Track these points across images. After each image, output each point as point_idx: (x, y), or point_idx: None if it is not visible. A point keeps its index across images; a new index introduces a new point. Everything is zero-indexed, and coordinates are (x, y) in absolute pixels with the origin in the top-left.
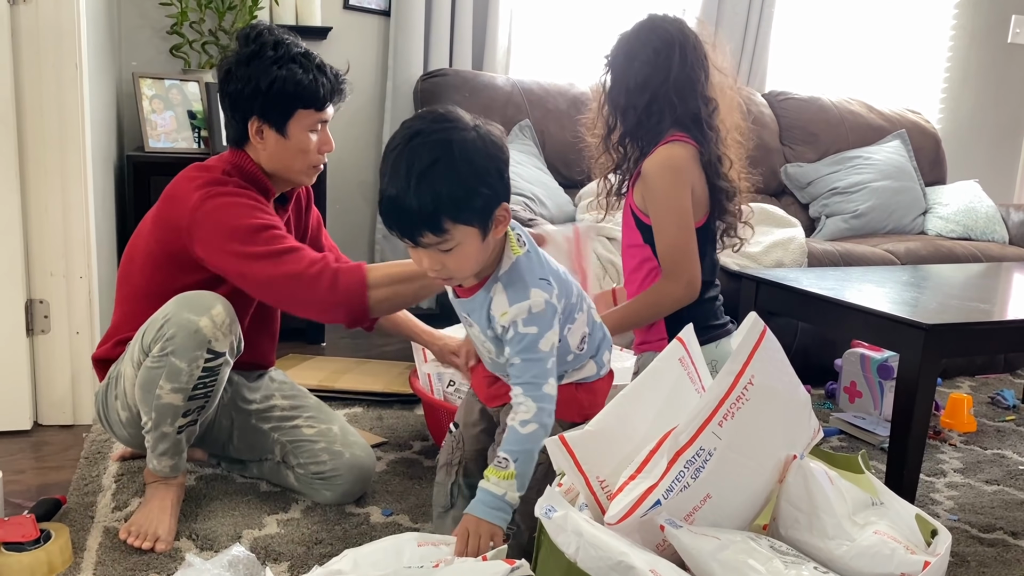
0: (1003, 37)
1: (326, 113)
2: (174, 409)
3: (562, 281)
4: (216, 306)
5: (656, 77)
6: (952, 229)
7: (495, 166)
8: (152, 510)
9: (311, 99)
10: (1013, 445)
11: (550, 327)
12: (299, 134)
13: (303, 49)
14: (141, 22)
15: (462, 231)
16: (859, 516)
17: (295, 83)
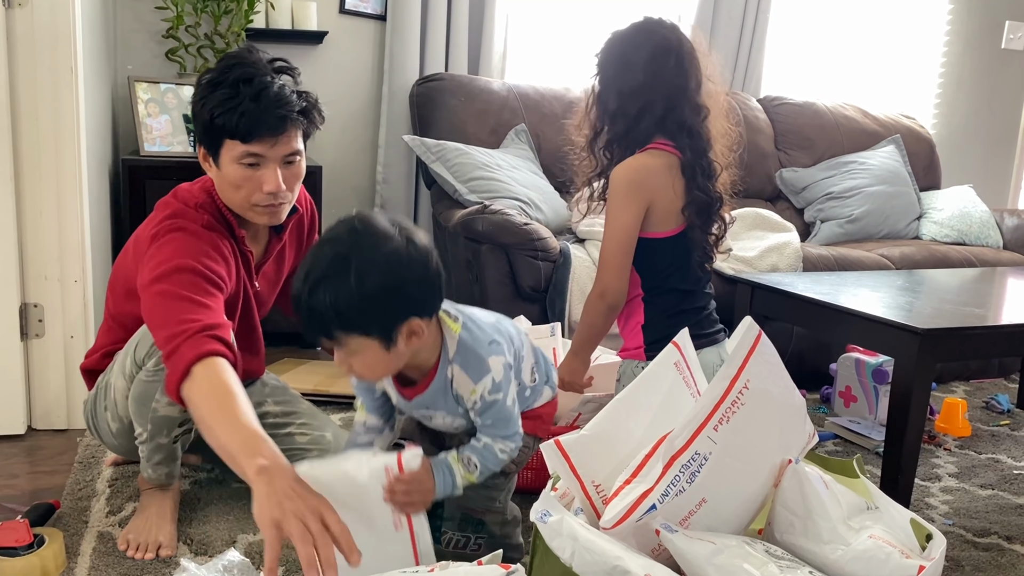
0: (997, 43)
1: (255, 146)
2: (171, 421)
3: (502, 331)
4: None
5: (650, 84)
6: (947, 234)
7: (403, 282)
8: (150, 517)
9: (233, 128)
10: (1008, 449)
11: (511, 382)
12: (228, 166)
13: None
14: (137, 26)
15: (357, 341)
16: (854, 520)
17: (215, 108)
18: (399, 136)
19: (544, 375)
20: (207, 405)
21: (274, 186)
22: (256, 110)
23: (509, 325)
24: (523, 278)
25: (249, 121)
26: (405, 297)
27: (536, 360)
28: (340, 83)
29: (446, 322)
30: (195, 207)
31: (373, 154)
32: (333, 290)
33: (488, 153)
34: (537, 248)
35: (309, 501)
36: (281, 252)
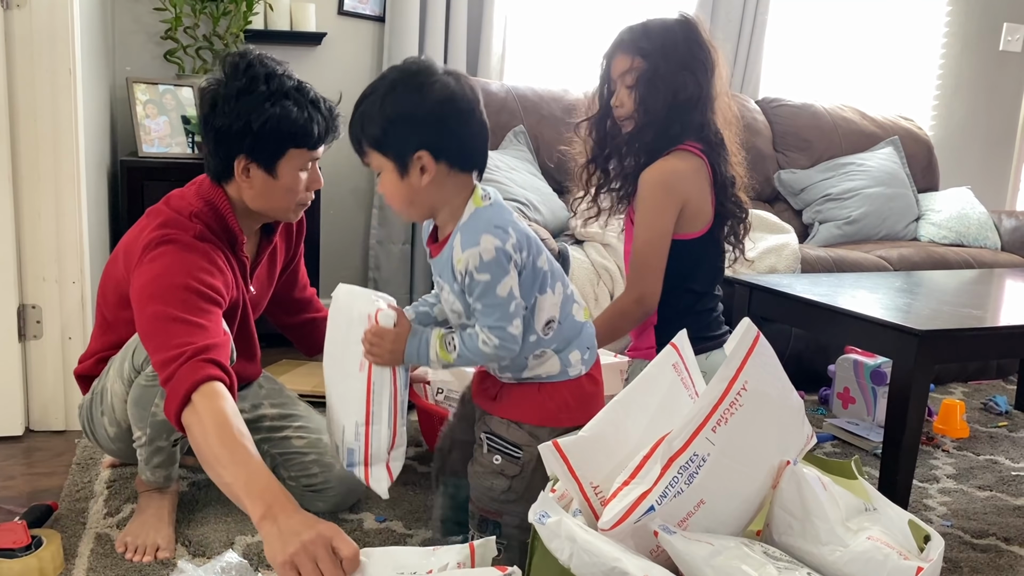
0: (995, 44)
1: (318, 152)
2: (170, 425)
3: (530, 240)
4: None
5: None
6: (945, 235)
7: (421, 111)
8: (149, 519)
9: (304, 138)
10: (1005, 451)
11: (505, 273)
12: (289, 174)
13: (296, 82)
14: (135, 27)
15: (378, 160)
16: (852, 522)
17: (290, 122)
18: None
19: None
20: (207, 442)
21: (320, 183)
22: (322, 118)
23: (545, 254)
24: None
25: (321, 130)
26: (418, 125)
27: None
28: (339, 84)
29: (476, 196)
30: (189, 216)
31: None
32: (368, 103)
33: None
34: None
35: (317, 533)
36: (273, 252)
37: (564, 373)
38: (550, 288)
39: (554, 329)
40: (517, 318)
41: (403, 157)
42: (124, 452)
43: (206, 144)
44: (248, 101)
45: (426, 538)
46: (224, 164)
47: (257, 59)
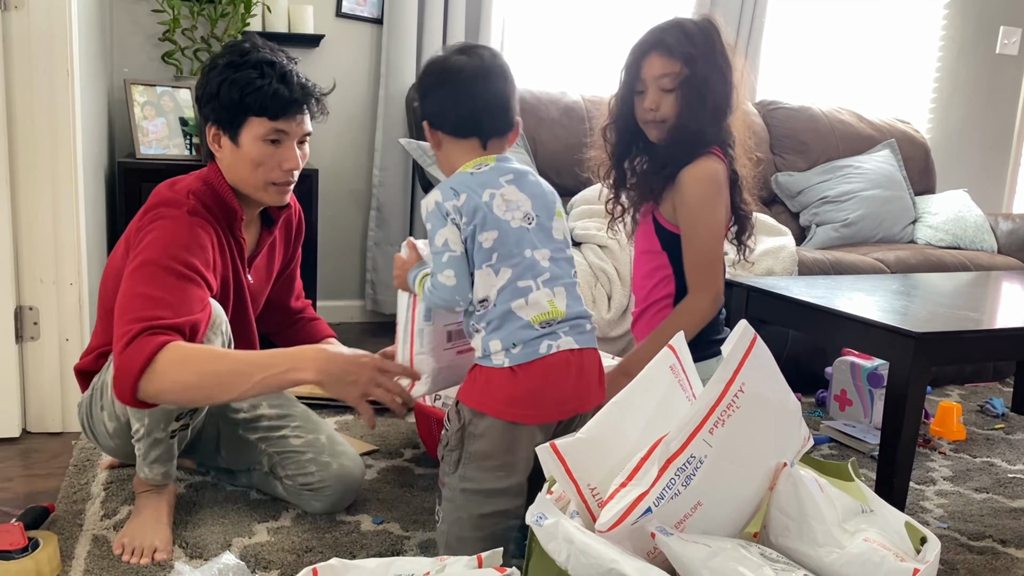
0: (991, 48)
1: (282, 124)
2: (167, 413)
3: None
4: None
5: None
6: (941, 238)
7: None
8: (146, 521)
9: (261, 106)
10: (1002, 453)
11: (442, 225)
12: (251, 144)
13: (276, 59)
14: (133, 29)
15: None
16: (849, 524)
17: (244, 87)
18: (395, 139)
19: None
20: (208, 369)
21: (294, 163)
22: (285, 89)
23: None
24: None
25: (279, 99)
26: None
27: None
28: (336, 86)
29: (471, 162)
30: (185, 194)
31: (369, 157)
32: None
33: None
34: None
35: (365, 366)
36: (272, 246)
37: (487, 359)
38: (489, 267)
39: (486, 308)
40: (449, 269)
41: (425, 121)
42: (122, 449)
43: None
44: (218, 68)
45: (424, 540)
46: (204, 136)
47: (249, 40)
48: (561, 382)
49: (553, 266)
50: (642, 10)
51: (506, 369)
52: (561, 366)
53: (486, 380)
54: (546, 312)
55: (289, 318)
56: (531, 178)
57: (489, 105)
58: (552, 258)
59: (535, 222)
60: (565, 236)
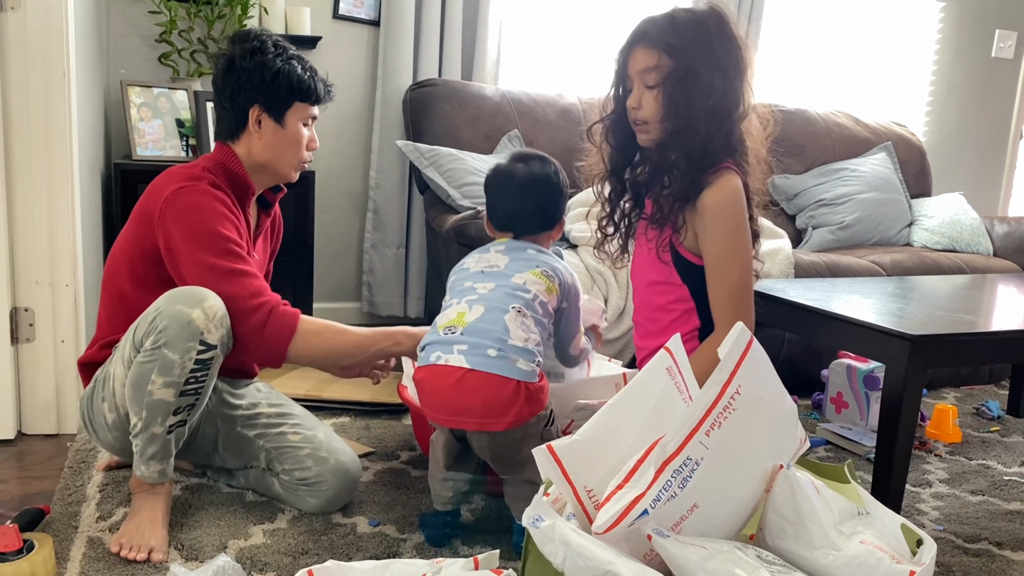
0: (987, 51)
1: (315, 109)
2: (165, 406)
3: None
4: (208, 299)
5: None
6: (937, 241)
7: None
8: (143, 521)
9: (307, 93)
10: (998, 456)
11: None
12: (294, 125)
13: (297, 52)
14: (130, 30)
15: None
16: (845, 526)
17: (296, 77)
18: (392, 141)
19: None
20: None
21: (317, 143)
22: (314, 78)
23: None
24: None
25: (320, 90)
26: (485, 193)
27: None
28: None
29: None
30: (201, 170)
31: (366, 159)
32: None
33: (481, 159)
34: None
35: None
36: (267, 231)
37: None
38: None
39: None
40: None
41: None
42: (120, 442)
43: (220, 104)
44: (261, 58)
45: (420, 542)
46: (239, 118)
47: (263, 31)
48: (435, 391)
49: (490, 293)
50: (639, 12)
51: (416, 368)
52: (438, 376)
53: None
54: (450, 320)
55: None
56: (529, 252)
57: (527, 211)
58: (494, 289)
59: (497, 270)
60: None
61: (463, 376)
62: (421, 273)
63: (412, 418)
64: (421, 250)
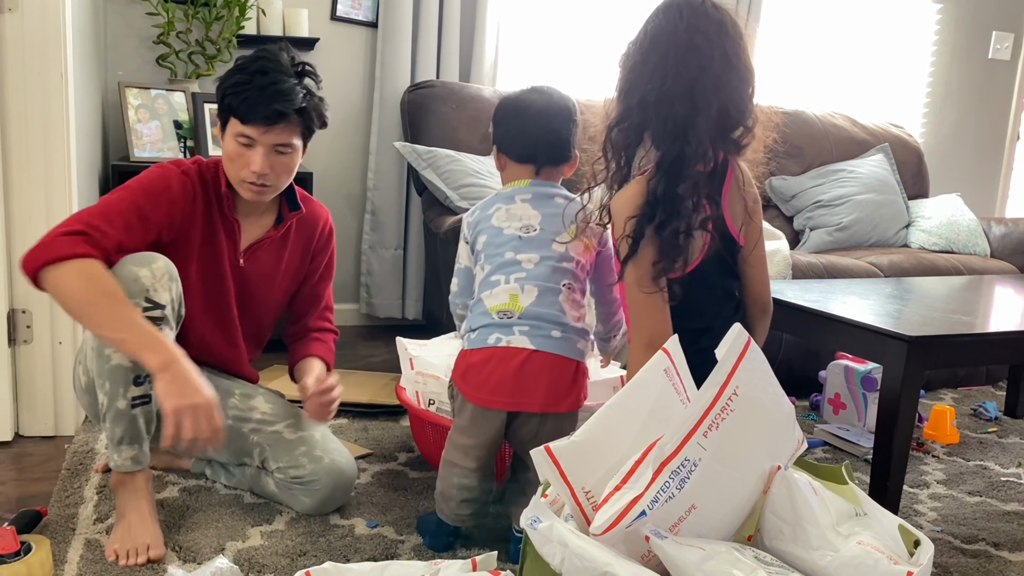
0: (984, 52)
1: (249, 129)
2: (124, 372)
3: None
4: (158, 261)
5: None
6: (935, 242)
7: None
8: (131, 523)
9: (235, 109)
10: (995, 456)
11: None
12: (228, 140)
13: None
14: (127, 32)
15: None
16: (843, 527)
17: (228, 88)
18: (390, 143)
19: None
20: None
21: (257, 167)
22: (257, 99)
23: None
24: None
25: (247, 106)
26: (497, 127)
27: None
28: (331, 90)
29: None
30: (193, 161)
31: (364, 160)
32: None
33: (479, 160)
34: None
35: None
36: (281, 244)
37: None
38: (479, 266)
39: (472, 298)
40: (455, 278)
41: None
42: (94, 406)
43: None
44: (230, 71)
45: (418, 544)
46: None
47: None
48: (497, 373)
49: (538, 269)
50: (635, 14)
51: (464, 350)
52: (501, 359)
53: (458, 357)
54: (504, 303)
55: (303, 332)
56: (557, 200)
57: (548, 139)
58: (539, 263)
59: (534, 232)
60: (569, 250)
61: (528, 357)
62: (419, 274)
63: (410, 419)
64: (419, 251)
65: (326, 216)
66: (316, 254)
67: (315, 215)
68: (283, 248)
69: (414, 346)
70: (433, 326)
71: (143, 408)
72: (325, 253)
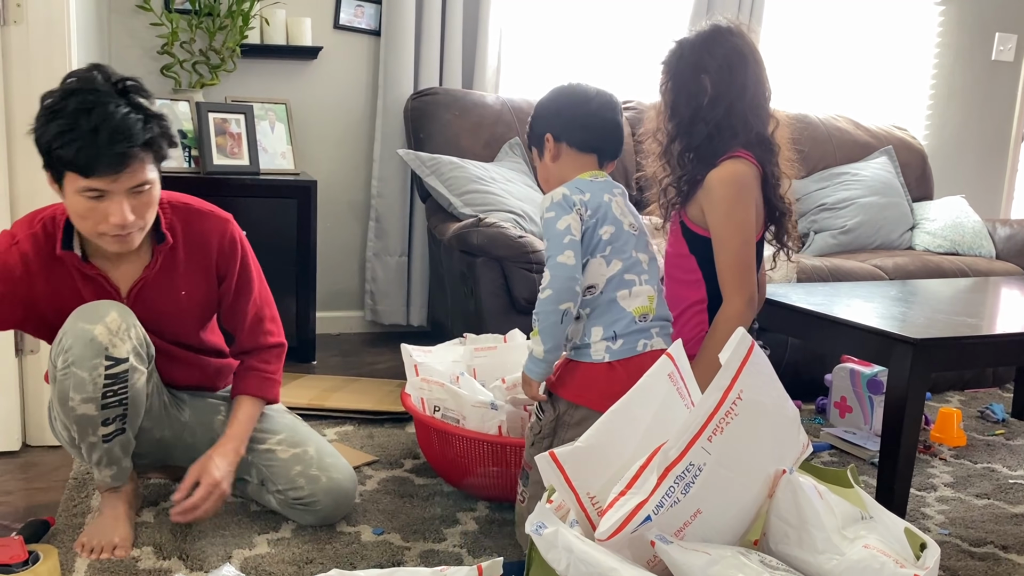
0: (987, 54)
1: (96, 182)
2: (90, 419)
3: (604, 210)
4: (111, 313)
5: (732, 92)
6: (939, 244)
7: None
8: (105, 520)
9: (71, 163)
10: (1003, 459)
11: (567, 212)
12: (71, 196)
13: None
14: (131, 42)
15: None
16: (848, 530)
17: (52, 140)
18: (394, 150)
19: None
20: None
21: (120, 219)
22: (94, 145)
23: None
24: (518, 290)
25: (87, 156)
26: (544, 117)
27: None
28: (335, 98)
29: (587, 173)
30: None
31: (368, 168)
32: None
33: (482, 166)
34: (532, 261)
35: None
36: (166, 275)
37: (586, 350)
38: (603, 257)
39: (592, 296)
40: (569, 250)
41: (539, 140)
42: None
43: None
44: (43, 116)
45: (424, 550)
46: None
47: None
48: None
49: (650, 267)
50: (639, 19)
51: (604, 364)
52: (647, 364)
53: (583, 374)
54: (645, 306)
55: (239, 354)
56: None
57: (615, 132)
58: (648, 263)
59: (639, 231)
60: (655, 249)
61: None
62: (424, 281)
63: (416, 426)
64: (423, 258)
65: (222, 229)
66: (222, 273)
67: (204, 233)
68: (172, 279)
69: (419, 352)
70: (438, 332)
71: (119, 439)
72: (232, 268)
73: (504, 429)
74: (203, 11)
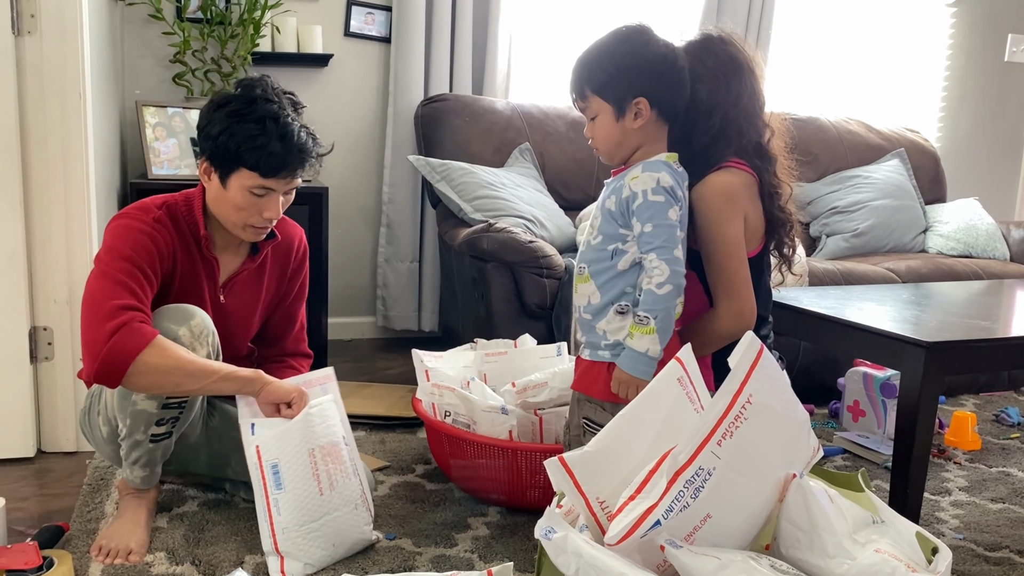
0: (1000, 55)
1: (271, 182)
2: (148, 416)
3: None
4: (196, 316)
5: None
6: (953, 247)
7: (646, 63)
8: (124, 524)
9: (254, 163)
10: (1018, 463)
11: (676, 202)
12: (238, 191)
13: (281, 113)
14: (144, 51)
15: (598, 103)
16: (860, 534)
17: (242, 142)
18: (404, 156)
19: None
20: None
21: (275, 214)
22: (282, 152)
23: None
24: (529, 295)
25: (275, 161)
26: (641, 74)
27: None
28: (345, 105)
29: (672, 156)
30: (158, 205)
31: (379, 174)
32: (595, 50)
33: (493, 172)
34: (542, 265)
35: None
36: (259, 272)
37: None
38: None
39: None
40: (681, 245)
41: (621, 101)
42: (117, 454)
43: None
44: (223, 112)
45: (436, 556)
46: (198, 162)
47: (261, 83)
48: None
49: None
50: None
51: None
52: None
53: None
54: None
55: (278, 357)
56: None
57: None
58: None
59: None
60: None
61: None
62: (435, 286)
63: (427, 431)
64: (434, 263)
65: (300, 235)
66: (292, 275)
67: (289, 236)
68: (260, 277)
69: (430, 358)
70: (449, 338)
71: (163, 443)
72: (301, 272)
73: (515, 434)
74: (215, 20)
